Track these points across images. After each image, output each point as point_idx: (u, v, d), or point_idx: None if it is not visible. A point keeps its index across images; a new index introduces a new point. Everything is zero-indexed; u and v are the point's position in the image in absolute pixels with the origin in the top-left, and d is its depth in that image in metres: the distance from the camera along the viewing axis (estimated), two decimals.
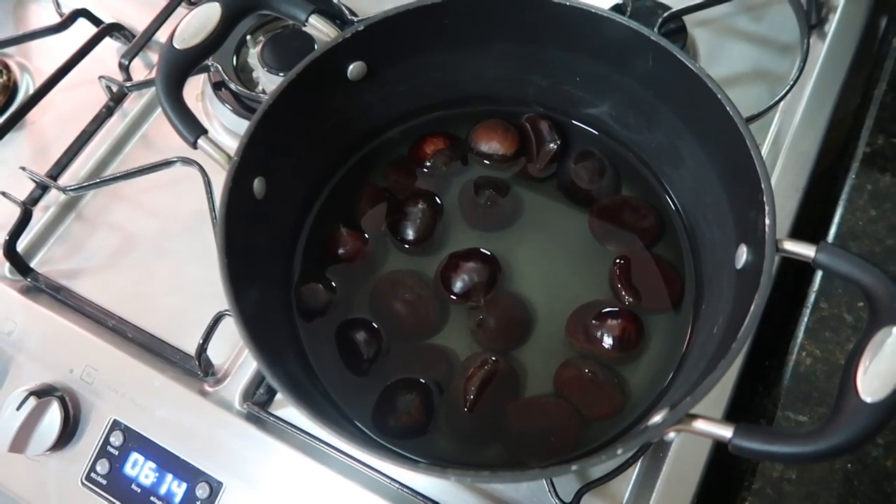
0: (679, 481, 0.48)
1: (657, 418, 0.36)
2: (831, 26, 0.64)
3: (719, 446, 0.48)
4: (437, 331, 0.50)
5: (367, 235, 0.52)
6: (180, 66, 0.45)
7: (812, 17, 0.64)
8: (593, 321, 0.48)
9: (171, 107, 0.44)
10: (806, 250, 0.37)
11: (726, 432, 0.34)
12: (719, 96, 0.42)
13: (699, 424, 0.35)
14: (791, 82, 0.60)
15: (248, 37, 0.67)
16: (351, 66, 0.49)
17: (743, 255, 0.42)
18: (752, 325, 0.36)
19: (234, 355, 0.55)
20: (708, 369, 0.37)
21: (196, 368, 0.54)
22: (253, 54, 0.66)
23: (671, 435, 0.36)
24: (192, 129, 0.43)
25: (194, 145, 0.43)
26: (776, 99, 0.59)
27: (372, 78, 0.50)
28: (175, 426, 0.52)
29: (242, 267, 0.41)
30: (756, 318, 0.36)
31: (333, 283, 0.51)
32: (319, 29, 0.47)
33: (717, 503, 0.49)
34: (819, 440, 0.32)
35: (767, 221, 0.38)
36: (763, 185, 0.39)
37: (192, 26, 0.45)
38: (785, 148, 0.59)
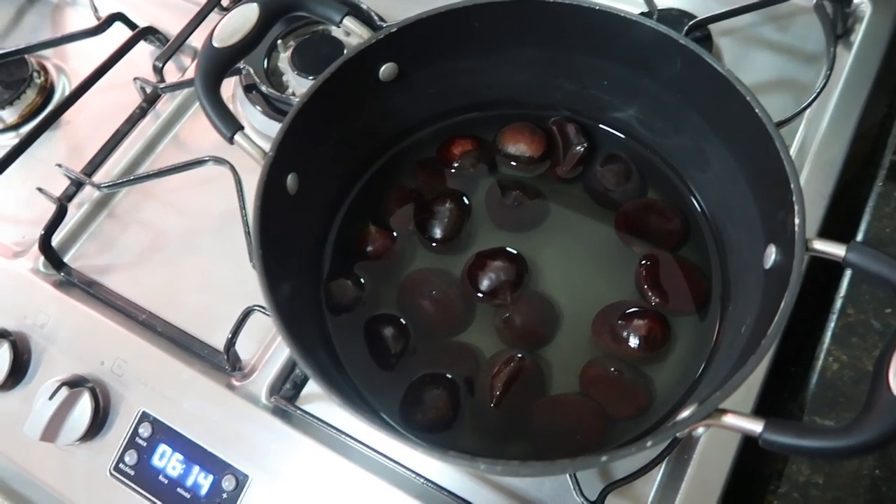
0: (704, 483, 0.48)
1: (686, 413, 0.36)
2: (857, 36, 0.64)
3: (745, 448, 0.48)
4: (464, 328, 0.50)
5: (395, 234, 0.53)
6: (218, 64, 0.46)
7: (838, 26, 0.64)
8: (619, 321, 0.48)
9: (209, 103, 0.45)
10: (836, 249, 0.37)
11: (756, 427, 0.34)
12: (748, 98, 0.42)
13: (729, 419, 0.35)
14: (817, 91, 0.60)
15: (279, 41, 0.68)
16: (383, 68, 0.50)
17: (772, 255, 0.42)
18: (781, 323, 0.36)
19: (262, 350, 0.56)
20: (737, 366, 0.37)
21: (224, 363, 0.55)
22: (283, 58, 0.68)
23: (700, 430, 0.36)
24: (230, 124, 0.44)
25: (231, 140, 0.44)
26: (802, 106, 0.59)
27: (402, 80, 0.51)
28: (202, 419, 0.53)
29: (275, 260, 0.42)
30: (786, 315, 0.36)
31: (362, 280, 0.51)
32: (353, 30, 0.48)
33: None
34: (850, 435, 0.32)
35: (797, 221, 0.38)
36: (792, 186, 0.39)
37: (230, 26, 0.47)
38: (811, 156, 0.59)
